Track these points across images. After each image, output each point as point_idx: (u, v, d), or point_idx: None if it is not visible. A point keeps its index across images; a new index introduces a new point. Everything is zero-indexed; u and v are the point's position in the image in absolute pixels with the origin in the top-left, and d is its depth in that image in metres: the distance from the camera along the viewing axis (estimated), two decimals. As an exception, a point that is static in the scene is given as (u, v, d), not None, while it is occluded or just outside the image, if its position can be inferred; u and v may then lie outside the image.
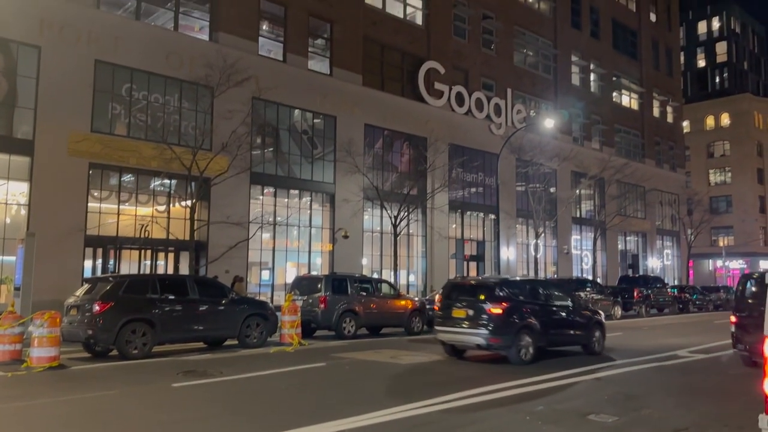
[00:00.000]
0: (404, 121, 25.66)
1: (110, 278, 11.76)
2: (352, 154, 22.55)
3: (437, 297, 16.28)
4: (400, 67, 26.67)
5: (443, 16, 28.05)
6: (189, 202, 17.65)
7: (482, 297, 10.87)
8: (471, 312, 10.85)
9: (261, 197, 21.42)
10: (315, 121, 23.12)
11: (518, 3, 32.55)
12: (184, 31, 20.01)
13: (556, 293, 12.33)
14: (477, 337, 10.67)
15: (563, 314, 11.99)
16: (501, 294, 10.94)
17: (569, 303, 12.30)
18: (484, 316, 10.66)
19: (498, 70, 30.65)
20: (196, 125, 19.03)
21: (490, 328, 10.55)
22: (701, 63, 69.38)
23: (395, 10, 26.70)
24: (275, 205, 21.80)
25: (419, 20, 27.49)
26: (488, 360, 11.31)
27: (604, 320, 12.75)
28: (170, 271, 18.69)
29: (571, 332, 11.97)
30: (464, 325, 10.89)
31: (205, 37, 20.36)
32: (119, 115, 18.05)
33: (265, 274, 21.33)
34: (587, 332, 12.09)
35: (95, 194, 17.48)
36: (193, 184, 17.39)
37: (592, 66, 36.69)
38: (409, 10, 27.26)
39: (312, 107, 22.69)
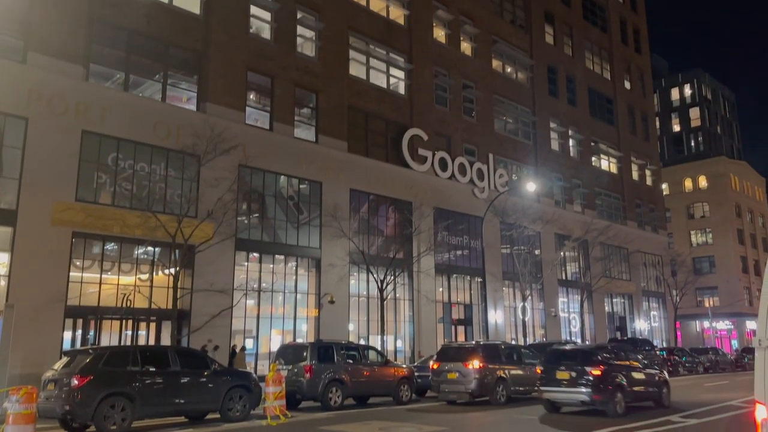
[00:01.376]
0: (389, 186, 25.99)
1: (90, 350, 11.48)
2: (338, 219, 22.66)
3: (433, 364, 16.25)
4: (384, 134, 27.25)
5: (425, 86, 28.96)
6: (172, 270, 17.47)
7: (582, 361, 13.19)
8: (573, 374, 12.98)
9: (246, 263, 21.29)
10: (301, 186, 23.34)
11: (496, 73, 33.75)
12: (171, 102, 20.39)
13: (633, 355, 14.90)
14: (580, 395, 12.75)
15: (642, 374, 14.17)
16: (598, 358, 13.27)
17: (643, 363, 14.71)
18: (586, 378, 12.77)
19: (479, 136, 31.42)
20: (181, 193, 19.10)
21: (592, 388, 12.62)
22: (676, 128, 71.74)
23: (379, 80, 27.54)
24: (260, 271, 21.65)
25: (402, 90, 28.33)
26: (582, 414, 13.12)
27: (668, 378, 15.12)
28: (152, 341, 18.26)
29: (648, 389, 14.08)
30: (567, 385, 13.01)
31: (193, 107, 20.74)
32: (104, 184, 18.09)
33: (249, 343, 20.92)
34: (659, 389, 14.33)
35: (77, 264, 17.26)
36: (177, 251, 17.27)
37: (570, 132, 37.76)
38: (392, 80, 28.14)
39: (298, 173, 22.95)
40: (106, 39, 18.93)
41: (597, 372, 12.69)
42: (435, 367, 16.37)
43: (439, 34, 30.81)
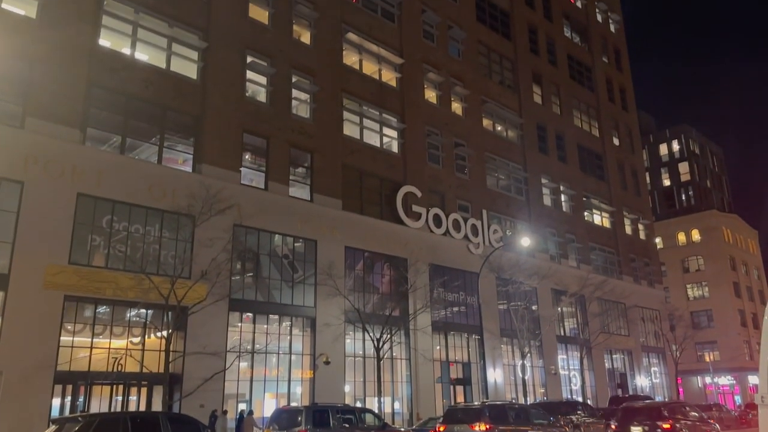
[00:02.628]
0: (384, 243, 26.00)
1: (79, 418, 11.15)
2: (333, 277, 22.53)
3: (439, 427, 16.04)
4: (378, 192, 27.48)
5: (418, 145, 29.45)
6: (165, 333, 17.19)
7: (654, 416, 15.74)
8: (646, 428, 15.53)
9: (239, 324, 20.99)
10: (296, 245, 23.31)
11: (487, 131, 34.43)
12: (167, 164, 20.59)
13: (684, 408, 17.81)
14: None
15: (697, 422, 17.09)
16: (665, 414, 15.89)
17: (694, 415, 17.37)
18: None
19: (472, 192, 31.73)
20: (175, 254, 19.03)
21: None
22: (666, 182, 72.75)
23: (372, 139, 28.01)
24: (254, 332, 21.32)
25: (395, 148, 28.78)
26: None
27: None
28: (143, 407, 17.76)
29: None
30: None
31: (189, 168, 20.93)
32: (98, 247, 18.02)
33: (243, 407, 20.37)
34: None
35: (68, 328, 16.98)
36: (170, 313, 17.04)
37: (561, 187, 38.20)
38: (385, 139, 28.62)
39: (293, 232, 22.97)
40: (104, 103, 19.28)
41: (667, 426, 15.35)
42: (441, 429, 15.99)
43: (431, 95, 31.59)
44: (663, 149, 73.35)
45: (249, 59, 23.28)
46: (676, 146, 72.83)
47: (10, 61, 17.09)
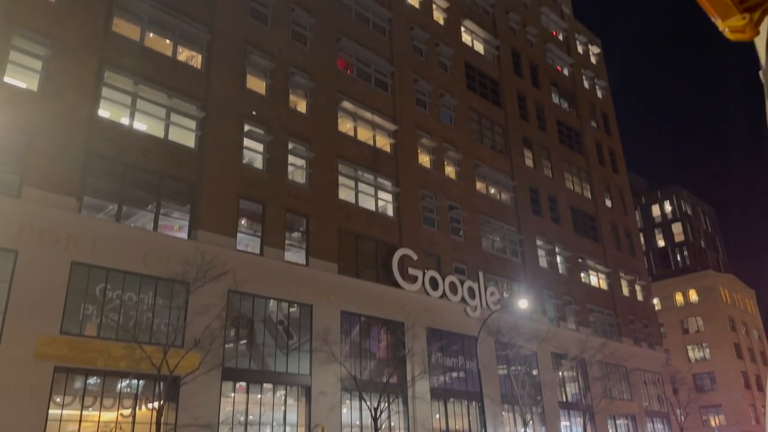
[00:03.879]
0: (381, 307, 25.74)
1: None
2: (329, 343, 22.15)
3: None
4: (374, 255, 27.45)
5: (412, 208, 29.69)
6: (156, 404, 16.69)
7: None
8: None
9: (233, 394, 20.42)
10: (291, 310, 23.03)
11: (481, 194, 34.82)
12: (163, 231, 20.61)
13: None
14: None
15: None
16: None
17: None
18: None
19: (468, 254, 31.74)
20: (169, 322, 18.74)
21: None
22: (661, 243, 73.17)
23: (367, 203, 28.25)
24: (247, 403, 20.72)
25: (390, 212, 28.99)
26: None
27: None
28: (130, 483, 17.00)
29: None
30: None
31: (184, 235, 20.94)
32: (91, 316, 17.75)
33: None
34: None
35: (57, 400, 16.47)
36: (161, 384, 16.61)
37: (557, 249, 38.28)
38: (380, 203, 28.88)
39: (288, 297, 22.75)
40: (101, 172, 19.48)
41: None
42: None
43: (424, 159, 32.13)
44: (655, 210, 74.18)
45: (246, 128, 23.77)
46: (668, 207, 73.71)
47: (10, 132, 17.37)
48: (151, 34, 22.44)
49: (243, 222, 23.04)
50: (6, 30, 18.07)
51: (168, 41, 22.81)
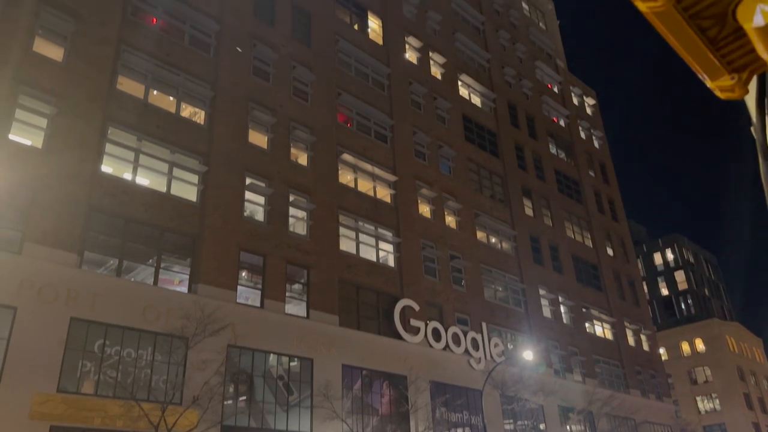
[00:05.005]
0: (383, 360, 25.32)
1: None
2: (330, 398, 21.69)
3: None
4: (375, 306, 27.22)
5: (413, 258, 29.63)
6: (153, 464, 16.22)
7: None
8: None
9: (232, 453, 19.85)
10: (291, 364, 22.66)
11: (482, 244, 34.81)
12: (163, 285, 20.53)
13: None
14: None
15: None
16: None
17: None
18: None
19: (471, 305, 31.46)
20: (167, 378, 18.42)
21: None
22: (664, 291, 72.64)
23: (368, 254, 28.21)
24: (247, 462, 20.12)
25: (391, 262, 28.91)
26: None
27: None
28: None
29: None
30: None
31: (184, 289, 20.84)
32: (88, 373, 17.46)
33: None
34: None
35: (50, 461, 16.02)
36: (159, 442, 16.19)
37: (560, 298, 37.98)
38: (381, 254, 28.84)
39: (288, 351, 22.43)
40: (103, 226, 19.56)
41: None
42: None
43: (424, 209, 32.29)
44: (657, 258, 73.95)
45: (248, 181, 24.00)
46: (670, 255, 73.53)
47: (14, 189, 17.53)
48: (155, 92, 22.95)
49: (243, 274, 22.96)
50: (13, 89, 18.49)
51: (171, 98, 23.31)
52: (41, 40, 20.00)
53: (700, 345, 63.43)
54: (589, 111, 53.14)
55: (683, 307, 70.84)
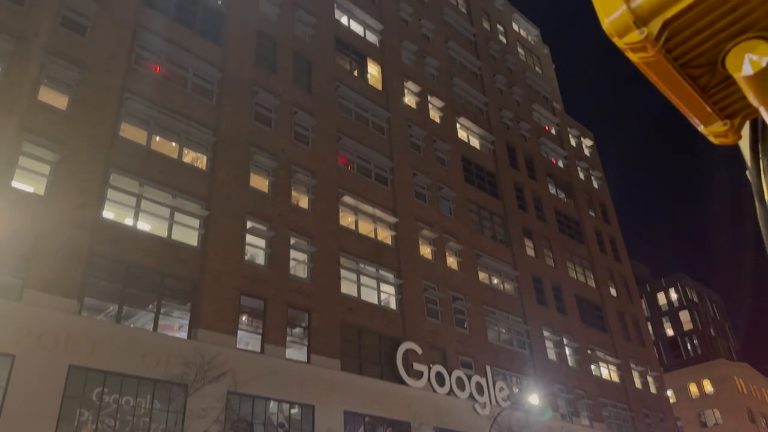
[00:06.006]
0: (385, 405, 24.84)
1: None
2: (332, 448, 21.19)
3: None
4: (377, 349, 26.87)
5: (415, 300, 29.41)
6: None
7: None
8: None
9: (231, 505, 19.28)
10: (292, 411, 22.22)
11: (484, 285, 34.61)
12: (163, 331, 20.33)
13: None
14: None
15: None
16: None
17: None
18: None
19: (474, 347, 31.05)
20: (166, 427, 18.05)
21: None
22: (670, 332, 71.80)
23: (370, 296, 28.02)
24: None
25: (393, 305, 28.70)
26: None
27: None
28: None
29: None
30: None
31: (184, 335, 20.63)
32: (86, 422, 17.10)
33: None
34: None
35: None
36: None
37: (565, 340, 37.51)
38: (383, 296, 28.65)
39: (289, 397, 22.02)
40: (103, 272, 19.50)
41: None
42: None
43: (426, 250, 32.23)
44: (661, 298, 73.37)
45: (249, 224, 24.05)
46: (673, 295, 72.98)
47: (15, 236, 17.56)
48: (158, 138, 23.25)
49: (244, 319, 22.76)
50: (18, 137, 18.73)
51: (174, 144, 23.59)
52: (46, 89, 20.39)
53: (708, 386, 62.27)
54: (587, 152, 53.65)
55: (689, 347, 69.87)
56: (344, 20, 35.42)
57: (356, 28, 35.98)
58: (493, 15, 50.89)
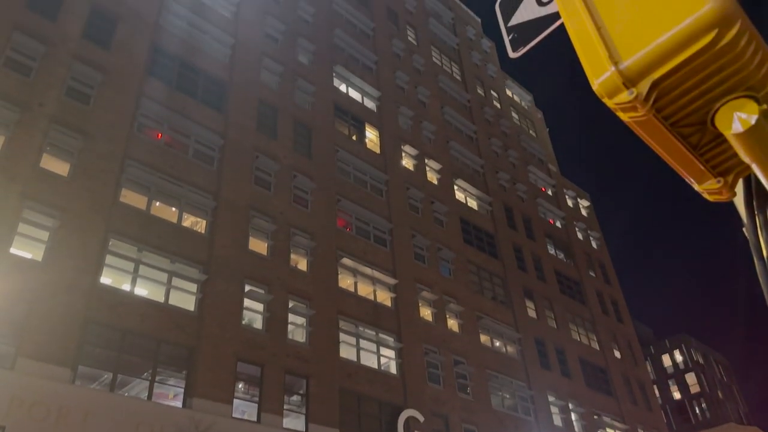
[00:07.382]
0: (386, 479, 23.86)
1: None
2: None
3: None
4: (378, 417, 26.08)
5: (416, 364, 28.81)
6: None
7: None
8: None
9: None
10: (290, 485, 21.33)
11: (486, 348, 34.00)
12: (158, 399, 19.79)
13: None
14: None
15: None
16: None
17: None
18: None
19: (478, 414, 30.17)
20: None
21: None
22: (677, 395, 70.02)
23: (369, 361, 27.46)
24: None
25: (393, 369, 28.08)
26: None
27: None
28: None
29: None
30: None
31: (179, 403, 20.06)
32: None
33: None
34: None
35: None
36: None
37: (570, 405, 36.52)
38: (383, 360, 28.09)
39: (287, 470, 21.19)
40: (98, 339, 19.16)
41: None
42: None
43: (426, 312, 31.85)
44: (666, 360, 71.98)
45: (247, 288, 23.86)
46: (679, 357, 71.64)
47: (10, 303, 17.36)
48: (158, 203, 23.39)
49: (240, 386, 22.20)
50: (18, 204, 18.84)
51: (174, 209, 23.72)
52: (48, 156, 20.67)
53: (720, 452, 60.24)
54: (584, 212, 53.98)
55: (698, 411, 67.93)
56: (343, 88, 36.42)
57: (354, 95, 36.95)
58: (487, 81, 52.39)
